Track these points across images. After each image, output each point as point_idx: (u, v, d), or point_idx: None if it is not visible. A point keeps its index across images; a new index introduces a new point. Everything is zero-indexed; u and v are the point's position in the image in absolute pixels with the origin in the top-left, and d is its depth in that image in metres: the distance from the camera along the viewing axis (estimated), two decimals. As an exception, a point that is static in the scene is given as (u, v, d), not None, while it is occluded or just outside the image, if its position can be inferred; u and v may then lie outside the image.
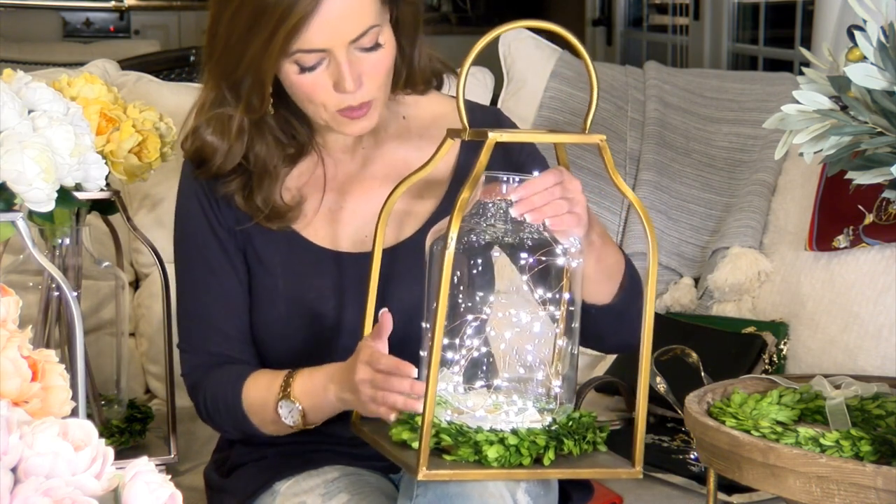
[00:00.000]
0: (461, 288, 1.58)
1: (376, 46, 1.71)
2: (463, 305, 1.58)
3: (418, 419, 1.56)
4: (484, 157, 1.53)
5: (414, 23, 1.79)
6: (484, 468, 1.51)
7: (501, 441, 1.52)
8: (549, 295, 1.58)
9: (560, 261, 1.58)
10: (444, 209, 1.79)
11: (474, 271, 1.58)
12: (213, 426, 1.87)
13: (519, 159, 1.84)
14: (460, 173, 1.83)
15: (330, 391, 1.66)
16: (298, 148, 1.83)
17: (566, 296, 1.59)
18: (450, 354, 1.58)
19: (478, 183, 1.54)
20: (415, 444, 1.53)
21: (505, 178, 1.60)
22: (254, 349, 1.85)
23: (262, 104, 1.75)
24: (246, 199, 1.81)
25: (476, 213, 1.60)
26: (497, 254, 1.58)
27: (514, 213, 1.57)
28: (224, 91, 1.77)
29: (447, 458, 1.53)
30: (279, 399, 1.71)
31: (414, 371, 1.54)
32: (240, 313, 1.84)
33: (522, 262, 1.57)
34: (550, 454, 1.53)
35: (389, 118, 1.86)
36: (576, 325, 1.62)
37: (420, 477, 1.49)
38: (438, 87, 1.89)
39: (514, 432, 1.53)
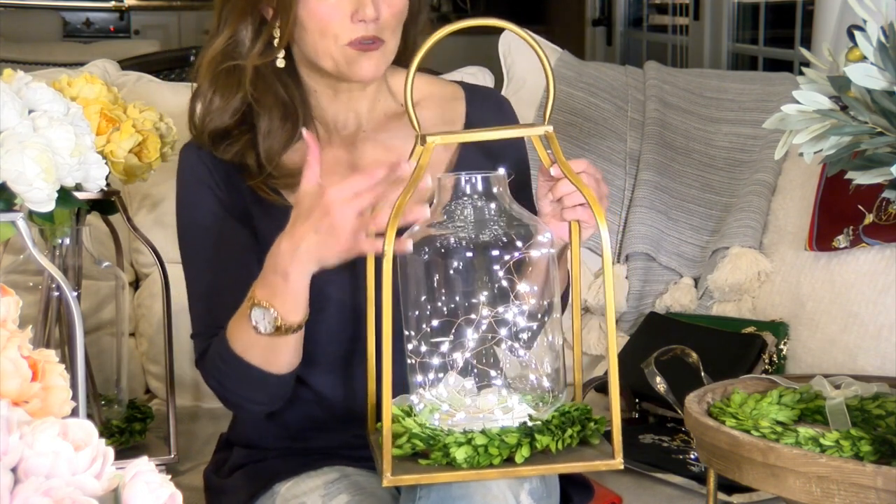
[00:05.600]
0: (442, 291, 1.58)
1: None
2: (445, 308, 1.58)
3: (408, 425, 1.56)
4: (423, 160, 1.54)
5: (419, 7, 1.84)
6: (454, 470, 1.52)
7: (470, 442, 1.52)
8: (527, 288, 1.58)
9: (535, 253, 1.59)
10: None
11: (451, 272, 1.58)
12: (234, 406, 1.82)
13: (503, 150, 1.85)
14: (460, 168, 1.84)
15: (287, 270, 1.60)
16: (296, 124, 1.83)
17: (535, 288, 1.59)
18: (436, 360, 1.58)
19: (417, 185, 1.54)
20: (396, 452, 1.53)
21: (466, 178, 1.60)
22: None
23: (284, 36, 1.76)
24: (255, 159, 1.81)
25: (445, 216, 1.60)
26: (471, 254, 1.58)
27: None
28: (239, 36, 1.79)
29: (423, 462, 1.53)
30: (249, 310, 1.64)
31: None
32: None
33: (497, 258, 1.57)
34: (524, 451, 1.52)
35: (388, 104, 1.88)
36: (557, 315, 1.62)
37: (385, 483, 1.50)
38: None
39: (484, 432, 1.53)
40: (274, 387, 1.74)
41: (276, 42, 1.77)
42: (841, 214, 2.31)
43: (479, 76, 2.71)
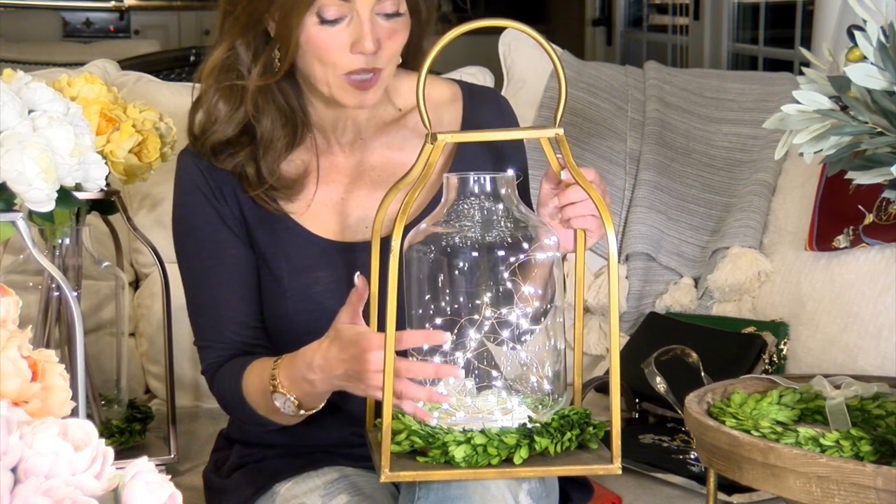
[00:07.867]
0: (446, 291, 1.58)
1: (397, 15, 1.74)
2: (448, 308, 1.58)
3: (407, 422, 1.56)
4: (433, 157, 1.55)
5: (427, 17, 1.83)
6: (452, 468, 1.52)
7: (469, 441, 1.52)
8: (531, 290, 1.58)
9: (540, 256, 1.58)
10: (438, 199, 1.79)
11: (455, 272, 1.58)
12: (239, 423, 1.88)
13: (502, 150, 1.85)
14: (456, 167, 1.84)
15: (315, 383, 1.66)
16: (296, 131, 1.84)
17: (539, 290, 1.59)
18: (437, 359, 1.58)
19: (426, 184, 1.55)
20: (395, 448, 1.53)
21: (474, 178, 1.60)
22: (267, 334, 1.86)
23: (285, 60, 1.76)
24: (255, 170, 1.82)
25: (452, 216, 1.60)
26: (476, 254, 1.58)
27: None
28: (239, 50, 1.79)
29: (421, 459, 1.54)
30: (272, 392, 1.71)
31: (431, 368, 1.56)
32: (254, 298, 1.83)
33: (502, 260, 1.57)
34: (522, 452, 1.52)
35: (387, 110, 1.88)
36: (560, 318, 1.62)
37: (382, 479, 1.51)
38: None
39: (483, 432, 1.53)
40: (275, 426, 1.80)
41: (277, 66, 1.78)
42: (841, 214, 2.31)
43: (479, 76, 2.71)
